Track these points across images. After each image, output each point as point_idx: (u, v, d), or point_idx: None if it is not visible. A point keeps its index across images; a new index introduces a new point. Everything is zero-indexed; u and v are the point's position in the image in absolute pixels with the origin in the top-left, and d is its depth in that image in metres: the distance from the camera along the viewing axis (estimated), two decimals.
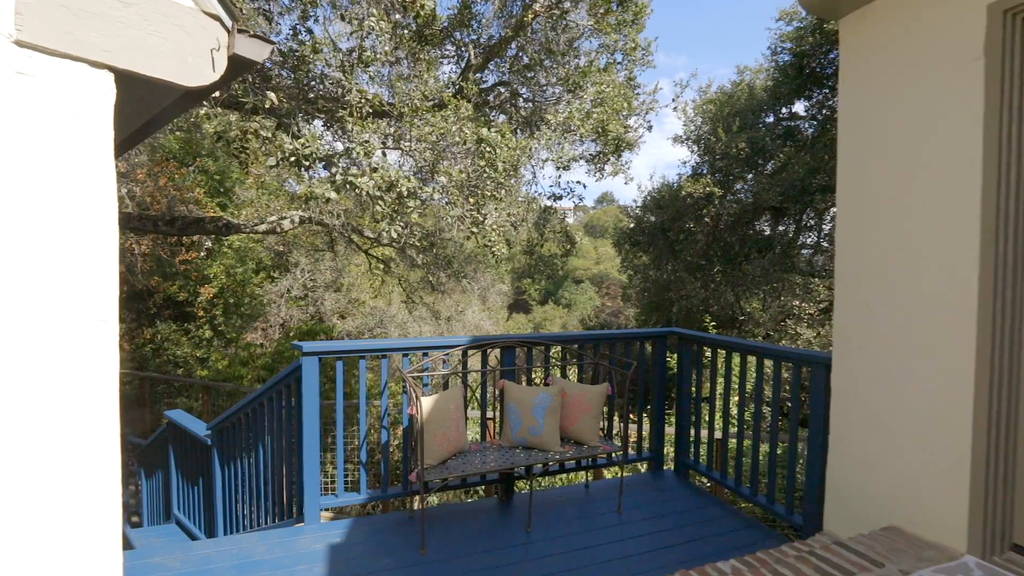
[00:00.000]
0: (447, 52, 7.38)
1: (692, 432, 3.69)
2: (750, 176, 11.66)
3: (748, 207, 11.15)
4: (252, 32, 1.57)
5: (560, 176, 7.85)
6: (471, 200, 5.12)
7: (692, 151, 12.96)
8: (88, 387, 1.21)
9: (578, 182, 8.02)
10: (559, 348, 3.58)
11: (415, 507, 3.36)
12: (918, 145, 2.07)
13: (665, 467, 3.82)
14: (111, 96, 1.32)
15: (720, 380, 3.43)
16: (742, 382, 3.16)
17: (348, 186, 4.25)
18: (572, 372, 6.11)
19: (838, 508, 2.47)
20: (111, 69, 1.31)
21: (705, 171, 12.13)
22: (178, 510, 4.81)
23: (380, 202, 4.37)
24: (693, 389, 3.65)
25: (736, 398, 3.34)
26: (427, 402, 2.78)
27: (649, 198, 13.06)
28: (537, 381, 3.62)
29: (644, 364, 3.70)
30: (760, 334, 10.72)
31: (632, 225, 13.51)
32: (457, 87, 6.44)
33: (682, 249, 12.11)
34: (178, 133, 10.69)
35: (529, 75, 6.99)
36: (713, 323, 9.95)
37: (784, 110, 12.16)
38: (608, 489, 3.48)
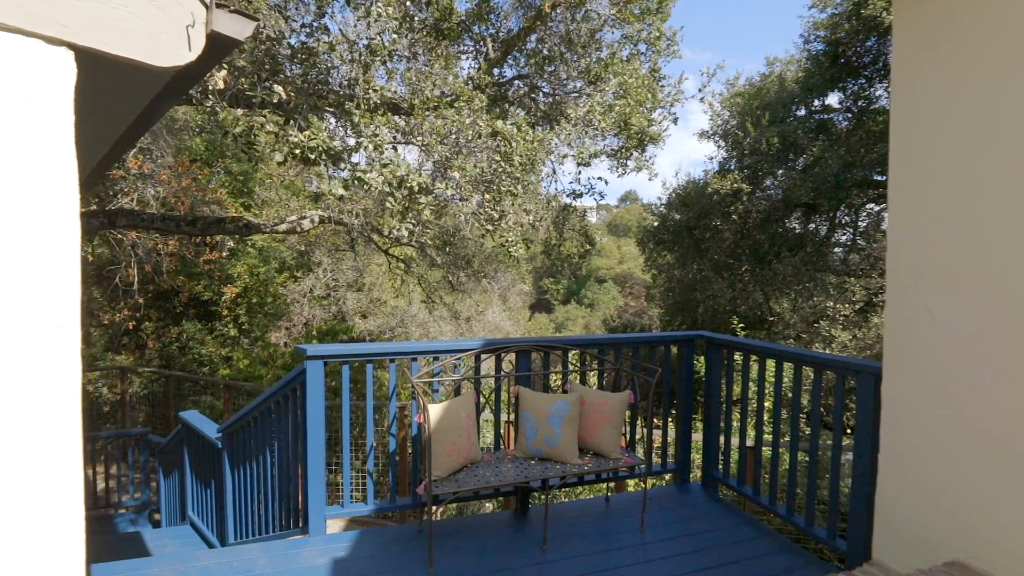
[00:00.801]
0: (465, 47, 7.23)
1: (721, 442, 3.44)
2: (780, 172, 11.20)
3: (778, 204, 10.69)
4: (232, 7, 1.42)
5: (580, 172, 7.61)
6: (487, 196, 4.95)
7: (719, 146, 12.53)
8: (44, 399, 1.08)
9: (599, 178, 7.77)
10: (578, 352, 3.37)
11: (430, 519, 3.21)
12: (999, 124, 1.80)
13: (692, 477, 3.58)
14: (71, 77, 1.18)
15: (752, 387, 3.17)
16: (777, 390, 2.90)
17: (357, 182, 4.14)
18: (593, 377, 5.87)
19: (889, 535, 2.21)
20: (70, 46, 1.17)
21: (733, 167, 11.70)
22: (192, 512, 4.78)
23: (391, 199, 4.25)
24: (723, 397, 3.40)
25: (768, 404, 3.08)
26: (436, 410, 2.61)
27: (674, 195, 12.68)
28: (555, 386, 3.43)
29: (669, 368, 3.47)
30: (790, 336, 10.27)
31: (656, 223, 13.14)
32: (475, 83, 6.29)
33: (708, 248, 11.71)
34: (203, 135, 10.85)
35: (549, 68, 6.77)
36: (741, 324, 9.57)
37: (817, 102, 11.63)
38: (630, 503, 3.27)
